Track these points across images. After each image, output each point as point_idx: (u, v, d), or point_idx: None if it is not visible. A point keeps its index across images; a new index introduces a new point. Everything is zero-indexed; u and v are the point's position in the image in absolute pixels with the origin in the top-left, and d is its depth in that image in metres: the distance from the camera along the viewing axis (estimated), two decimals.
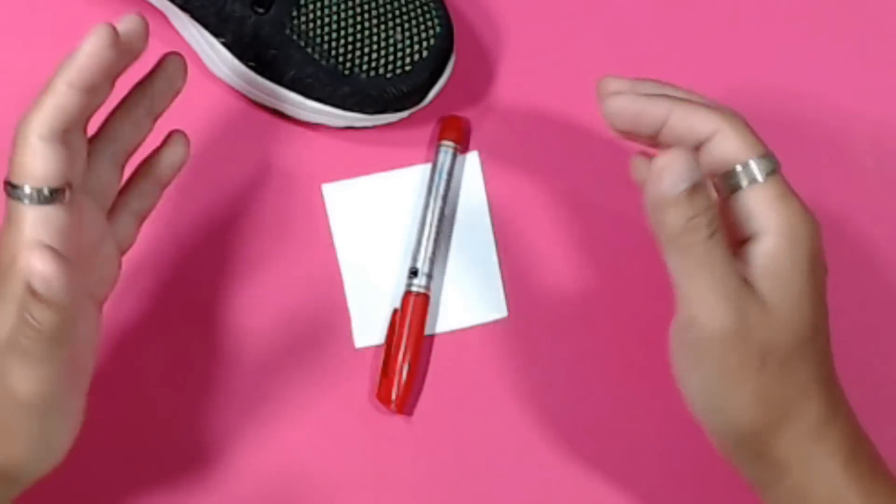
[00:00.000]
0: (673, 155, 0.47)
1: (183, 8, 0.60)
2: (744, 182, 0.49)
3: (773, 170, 0.49)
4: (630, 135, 0.52)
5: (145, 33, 0.50)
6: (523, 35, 0.65)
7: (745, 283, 0.48)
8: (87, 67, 0.48)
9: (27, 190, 0.48)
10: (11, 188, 0.48)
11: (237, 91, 0.63)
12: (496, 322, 0.62)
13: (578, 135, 0.64)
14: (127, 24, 0.50)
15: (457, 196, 0.63)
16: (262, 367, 0.61)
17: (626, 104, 0.51)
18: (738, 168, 0.49)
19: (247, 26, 0.60)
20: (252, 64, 0.61)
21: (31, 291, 0.46)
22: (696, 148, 0.50)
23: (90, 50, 0.48)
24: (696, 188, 0.47)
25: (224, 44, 0.61)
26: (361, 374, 0.62)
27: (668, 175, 0.47)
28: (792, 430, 0.49)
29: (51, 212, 0.48)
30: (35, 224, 0.48)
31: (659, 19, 0.66)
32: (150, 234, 0.61)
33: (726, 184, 0.50)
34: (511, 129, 0.64)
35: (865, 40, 0.66)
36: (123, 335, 0.61)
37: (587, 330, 0.62)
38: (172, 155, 0.55)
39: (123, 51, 0.49)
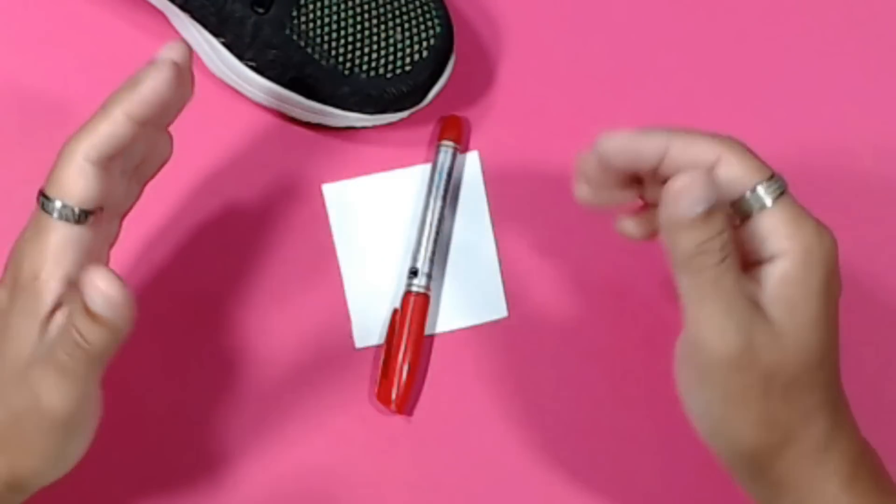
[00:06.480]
0: (691, 176, 0.46)
1: (183, 8, 0.60)
2: (754, 208, 0.49)
3: (782, 191, 0.49)
4: (613, 192, 0.52)
5: (191, 69, 0.50)
6: (523, 35, 0.65)
7: (756, 307, 0.48)
8: (149, 102, 0.48)
9: (58, 205, 0.48)
10: (46, 200, 0.49)
11: (237, 91, 0.63)
12: (496, 322, 0.62)
13: (579, 134, 0.64)
14: (177, 52, 0.50)
15: (457, 196, 0.63)
16: (261, 367, 0.61)
17: (623, 139, 0.50)
18: (747, 194, 0.49)
19: (247, 26, 0.60)
20: (252, 64, 0.61)
21: (87, 311, 0.46)
22: None
23: (154, 85, 0.48)
24: (711, 211, 0.46)
25: (224, 44, 0.61)
26: (361, 374, 0.62)
27: (684, 197, 0.46)
28: (793, 452, 0.49)
29: (78, 232, 0.49)
30: (62, 242, 0.49)
31: (656, 17, 0.66)
32: (148, 235, 0.62)
33: (736, 210, 0.49)
34: (511, 129, 0.64)
35: (865, 40, 0.66)
36: None
37: (587, 330, 0.62)
38: (156, 154, 0.54)
39: (181, 86, 0.50)
